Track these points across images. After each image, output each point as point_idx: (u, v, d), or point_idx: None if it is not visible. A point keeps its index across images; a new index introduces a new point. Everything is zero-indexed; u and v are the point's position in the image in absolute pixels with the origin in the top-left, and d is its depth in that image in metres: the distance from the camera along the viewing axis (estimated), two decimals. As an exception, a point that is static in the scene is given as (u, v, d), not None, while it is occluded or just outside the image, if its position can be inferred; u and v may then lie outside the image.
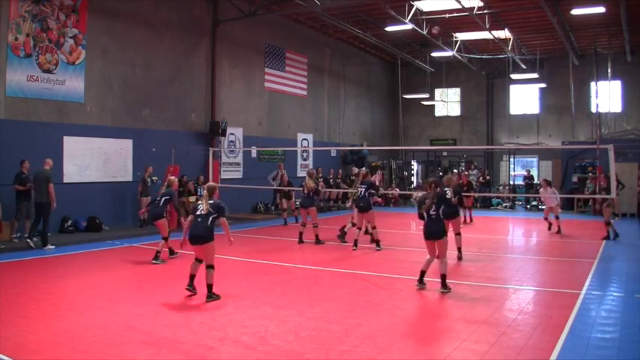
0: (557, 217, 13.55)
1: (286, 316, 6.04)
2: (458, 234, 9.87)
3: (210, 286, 6.70)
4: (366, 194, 10.71)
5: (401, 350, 5.04)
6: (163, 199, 9.50)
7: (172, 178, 10.03)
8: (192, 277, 6.85)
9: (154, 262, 9.08)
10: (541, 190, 14.00)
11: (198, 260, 6.86)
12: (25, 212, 10.98)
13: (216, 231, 6.90)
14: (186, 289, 6.84)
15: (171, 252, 9.55)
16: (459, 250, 9.74)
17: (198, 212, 6.86)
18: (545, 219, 13.94)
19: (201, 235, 6.72)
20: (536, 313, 6.41)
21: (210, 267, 6.75)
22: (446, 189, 9.61)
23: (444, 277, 7.20)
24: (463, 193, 11.12)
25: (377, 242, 10.82)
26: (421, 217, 7.41)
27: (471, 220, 15.85)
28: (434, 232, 7.30)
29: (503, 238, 12.83)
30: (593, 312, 6.37)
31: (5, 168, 10.96)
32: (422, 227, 7.48)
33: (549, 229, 13.74)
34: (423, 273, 7.41)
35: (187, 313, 6.23)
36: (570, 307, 6.48)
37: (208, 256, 6.78)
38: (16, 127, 11.47)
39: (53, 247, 10.49)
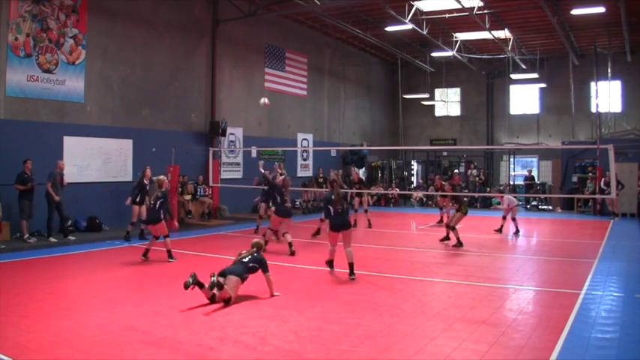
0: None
1: (286, 316, 6.04)
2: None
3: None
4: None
5: (401, 350, 5.03)
6: (158, 202, 9.26)
7: (162, 177, 9.66)
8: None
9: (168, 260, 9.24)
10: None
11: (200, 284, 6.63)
12: (28, 212, 10.98)
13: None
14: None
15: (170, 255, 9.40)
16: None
17: (241, 259, 6.92)
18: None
19: (238, 274, 6.67)
20: (536, 313, 6.41)
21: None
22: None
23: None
24: (428, 192, 11.08)
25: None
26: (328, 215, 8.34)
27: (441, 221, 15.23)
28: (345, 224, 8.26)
29: (503, 237, 12.83)
30: (593, 312, 6.37)
31: (5, 168, 10.96)
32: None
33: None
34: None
35: (187, 313, 6.22)
36: (570, 307, 6.47)
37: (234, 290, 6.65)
38: (16, 127, 11.47)
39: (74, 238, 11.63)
